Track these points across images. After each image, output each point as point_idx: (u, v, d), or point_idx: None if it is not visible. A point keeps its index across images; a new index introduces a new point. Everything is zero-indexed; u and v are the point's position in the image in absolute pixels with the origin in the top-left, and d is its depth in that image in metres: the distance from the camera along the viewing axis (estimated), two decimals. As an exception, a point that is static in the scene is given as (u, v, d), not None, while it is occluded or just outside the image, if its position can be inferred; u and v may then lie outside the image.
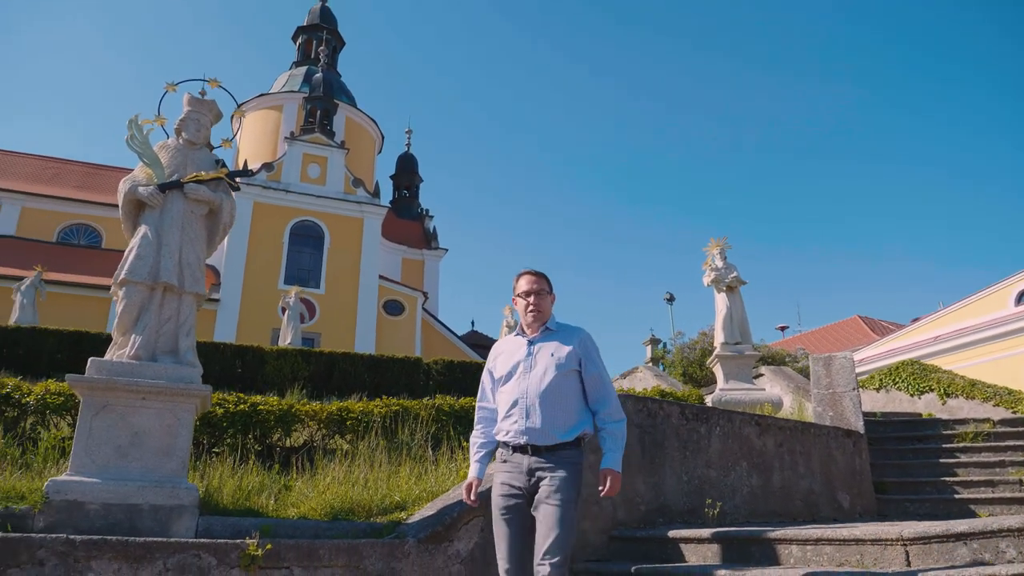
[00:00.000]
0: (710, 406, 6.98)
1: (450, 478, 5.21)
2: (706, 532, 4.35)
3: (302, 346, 18.18)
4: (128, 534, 3.81)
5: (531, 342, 3.30)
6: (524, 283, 3.34)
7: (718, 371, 10.86)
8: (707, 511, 5.27)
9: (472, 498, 3.33)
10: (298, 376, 13.35)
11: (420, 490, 4.96)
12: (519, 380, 3.22)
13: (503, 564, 3.08)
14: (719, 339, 10.87)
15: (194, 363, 4.48)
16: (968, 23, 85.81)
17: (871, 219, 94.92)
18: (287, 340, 19.32)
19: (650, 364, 18.83)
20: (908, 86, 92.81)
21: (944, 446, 7.75)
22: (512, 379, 3.25)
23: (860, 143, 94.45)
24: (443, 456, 5.83)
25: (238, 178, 5.05)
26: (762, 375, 12.66)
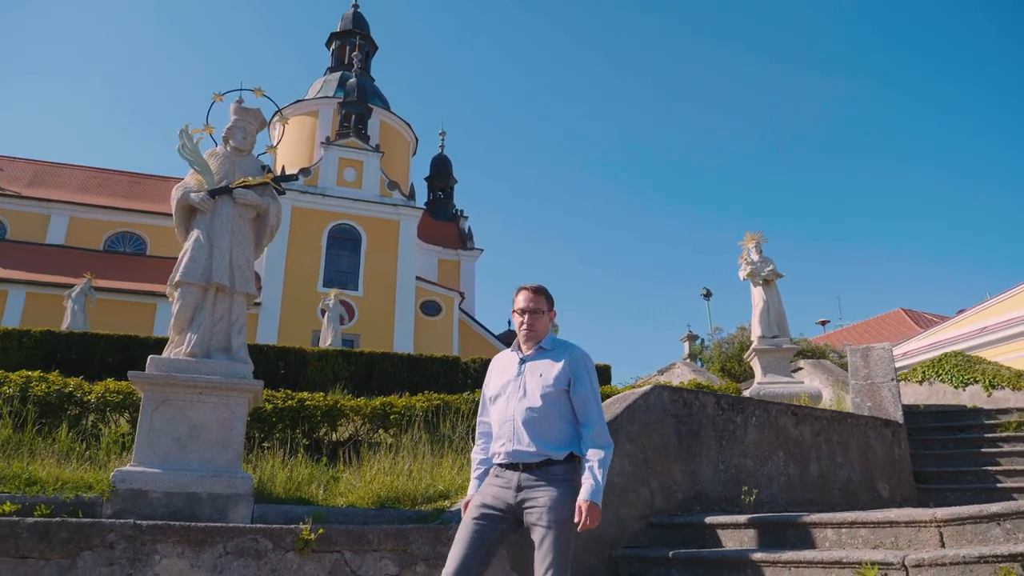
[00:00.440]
0: (745, 396, 7.04)
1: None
2: (742, 518, 4.44)
3: (342, 347, 18.51)
4: (188, 521, 4.04)
5: (522, 360, 3.24)
6: (521, 300, 3.26)
7: (756, 365, 10.84)
8: (743, 498, 5.35)
9: None
10: (339, 376, 13.63)
11: (463, 480, 5.12)
12: (508, 400, 3.16)
13: (449, 565, 2.95)
14: (756, 333, 10.84)
15: (246, 359, 4.70)
16: None
17: (915, 214, 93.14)
18: (327, 341, 19.65)
19: (687, 360, 18.79)
20: (942, 88, 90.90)
21: (986, 436, 7.69)
22: (501, 399, 3.20)
23: (900, 142, 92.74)
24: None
25: (282, 183, 5.27)
26: (801, 368, 12.60)
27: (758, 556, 3.87)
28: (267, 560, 3.85)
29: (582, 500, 2.95)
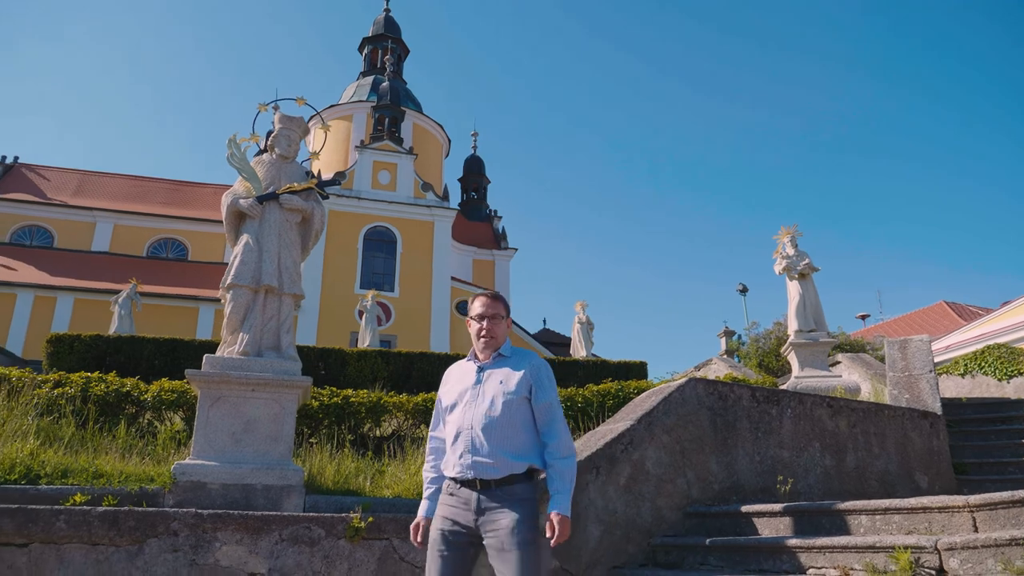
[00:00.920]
0: (780, 388, 7.09)
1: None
2: (777, 506, 4.53)
3: (380, 348, 18.81)
4: (244, 510, 4.26)
5: (481, 368, 3.10)
6: (478, 306, 3.15)
7: (792, 359, 10.83)
8: (779, 488, 5.42)
9: (419, 540, 3.06)
10: (378, 376, 13.90)
11: (504, 472, 5.27)
12: (465, 409, 3.01)
13: None
14: (792, 327, 10.84)
15: (295, 357, 4.93)
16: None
17: (957, 208, 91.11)
18: (366, 342, 19.97)
19: (724, 356, 18.77)
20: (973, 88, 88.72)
21: (1029, 427, 7.62)
22: (458, 408, 3.04)
23: (941, 143, 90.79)
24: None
25: (325, 187, 5.49)
26: (839, 363, 12.54)
27: (793, 542, 3.97)
28: (320, 547, 4.05)
29: (553, 513, 2.83)
